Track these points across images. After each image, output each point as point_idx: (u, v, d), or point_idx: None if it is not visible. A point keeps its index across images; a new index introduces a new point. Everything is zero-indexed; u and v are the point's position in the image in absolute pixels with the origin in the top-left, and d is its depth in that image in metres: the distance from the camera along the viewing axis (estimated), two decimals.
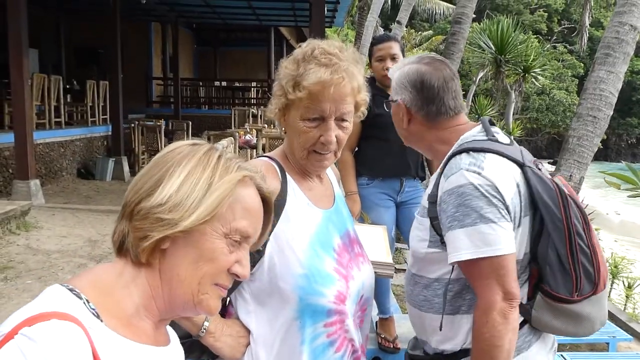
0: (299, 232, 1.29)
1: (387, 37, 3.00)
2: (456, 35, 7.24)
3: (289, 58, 1.31)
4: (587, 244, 1.37)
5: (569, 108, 28.31)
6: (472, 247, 1.35)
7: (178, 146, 0.89)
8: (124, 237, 0.84)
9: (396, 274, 5.20)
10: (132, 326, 0.82)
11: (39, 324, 0.69)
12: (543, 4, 37.21)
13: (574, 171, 4.39)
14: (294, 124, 1.30)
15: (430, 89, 1.52)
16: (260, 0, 11.72)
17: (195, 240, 0.84)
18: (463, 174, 1.39)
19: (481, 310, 1.37)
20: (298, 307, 1.25)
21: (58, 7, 13.23)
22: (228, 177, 0.86)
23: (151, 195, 0.82)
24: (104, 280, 0.82)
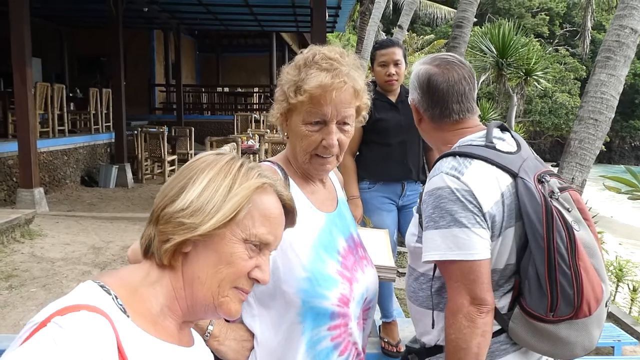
0: (302, 235, 1.29)
1: (390, 43, 2.99)
2: (457, 39, 7.25)
3: (291, 64, 1.33)
4: (568, 265, 1.32)
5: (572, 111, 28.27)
6: (444, 249, 1.37)
7: (203, 155, 0.94)
8: (150, 240, 0.88)
9: (399, 277, 5.19)
10: (157, 324, 0.86)
11: (70, 314, 0.74)
12: (545, 8, 37.23)
13: (575, 174, 4.38)
14: (296, 129, 1.31)
15: (436, 91, 1.53)
16: (261, 6, 11.78)
17: (215, 245, 0.87)
18: (442, 177, 1.40)
19: (449, 312, 1.40)
20: (301, 310, 1.26)
21: (60, 16, 13.32)
22: (247, 184, 0.89)
23: (175, 201, 0.86)
24: (132, 279, 0.87)
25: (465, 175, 1.38)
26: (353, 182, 2.94)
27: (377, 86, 3.01)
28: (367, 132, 2.90)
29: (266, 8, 12.00)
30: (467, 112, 1.54)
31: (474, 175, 1.38)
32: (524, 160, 1.44)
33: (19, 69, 6.84)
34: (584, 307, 1.33)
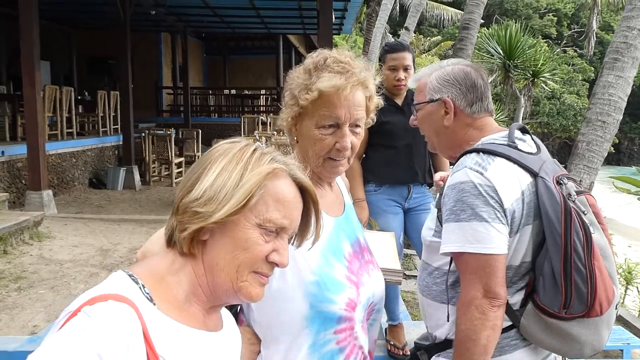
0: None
1: (401, 47, 2.95)
2: (464, 41, 7.25)
3: (300, 68, 1.33)
4: (584, 264, 1.36)
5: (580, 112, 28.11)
6: (462, 241, 1.41)
7: (218, 145, 0.96)
8: (172, 230, 0.91)
9: (406, 280, 5.18)
10: (183, 311, 0.89)
11: (98, 303, 0.78)
12: (552, 8, 37.06)
13: (583, 176, 4.36)
14: (308, 133, 1.31)
15: (478, 87, 1.60)
16: (268, 9, 11.82)
17: (230, 231, 0.89)
18: (466, 171, 1.44)
19: (461, 303, 1.43)
20: (309, 313, 1.26)
21: (69, 19, 13.42)
22: (258, 169, 0.91)
23: (191, 191, 0.89)
24: (158, 268, 0.90)
25: (488, 171, 1.43)
26: (359, 184, 2.94)
27: (383, 89, 3.01)
28: (373, 134, 2.90)
29: (273, 10, 12.03)
30: (493, 110, 1.64)
31: (497, 172, 1.43)
32: (543, 162, 1.48)
33: (28, 73, 6.90)
34: (596, 306, 1.37)
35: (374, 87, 1.35)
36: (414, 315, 4.12)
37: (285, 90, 1.34)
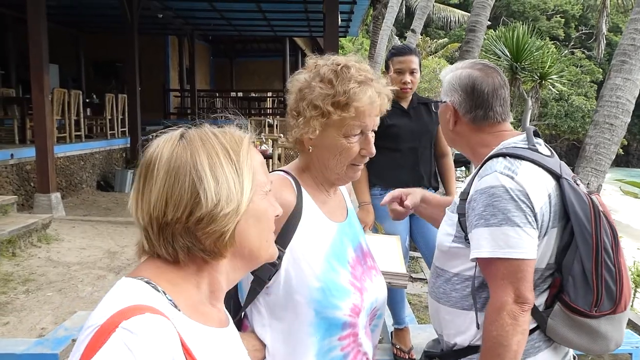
0: (315, 245, 1.30)
1: (408, 50, 2.93)
2: (470, 43, 7.23)
3: (315, 76, 1.30)
4: (613, 262, 1.38)
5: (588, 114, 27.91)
6: (494, 247, 1.40)
7: (168, 149, 0.88)
8: (189, 249, 0.87)
9: (412, 283, 5.17)
10: (200, 312, 0.89)
11: (136, 317, 0.75)
12: (560, 10, 36.91)
13: (591, 179, 4.34)
14: (333, 142, 1.30)
15: (481, 94, 1.57)
16: (274, 12, 11.85)
17: (253, 212, 0.91)
18: (496, 176, 1.43)
19: (492, 309, 1.42)
20: (314, 320, 1.26)
21: (77, 23, 13.52)
22: (242, 150, 0.91)
23: (199, 203, 0.84)
24: (168, 273, 0.88)
25: (519, 175, 1.42)
26: (365, 188, 2.94)
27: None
28: (379, 138, 2.86)
29: (279, 13, 12.07)
30: (507, 115, 1.62)
31: (527, 176, 1.42)
32: (559, 164, 1.50)
33: (37, 76, 6.95)
34: (622, 303, 1.40)
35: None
36: (420, 318, 4.11)
37: (300, 100, 1.29)
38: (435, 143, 3.03)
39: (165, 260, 0.88)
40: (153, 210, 0.85)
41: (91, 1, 10.99)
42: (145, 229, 0.87)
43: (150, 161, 0.88)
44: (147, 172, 0.88)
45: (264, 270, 1.23)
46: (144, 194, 0.87)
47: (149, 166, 0.88)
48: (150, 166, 0.87)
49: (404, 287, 2.63)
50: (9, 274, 4.87)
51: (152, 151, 0.89)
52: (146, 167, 0.88)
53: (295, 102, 1.31)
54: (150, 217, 0.86)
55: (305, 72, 1.34)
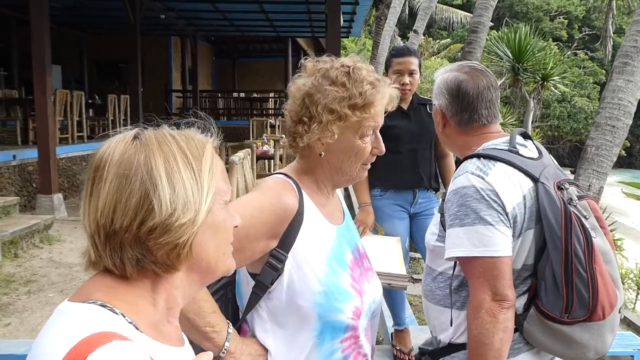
0: (316, 249, 1.29)
1: (407, 51, 2.93)
2: (472, 44, 7.23)
3: (324, 80, 1.27)
4: (585, 268, 1.36)
5: (591, 115, 27.88)
6: (469, 246, 1.43)
7: (119, 150, 0.81)
8: (137, 261, 0.80)
9: (413, 284, 5.17)
10: (161, 332, 0.83)
11: (104, 346, 0.68)
12: (563, 11, 36.85)
13: (592, 181, 4.33)
14: (348, 144, 1.29)
15: (465, 96, 1.59)
16: (277, 12, 11.86)
17: (211, 222, 0.84)
18: (468, 176, 1.47)
19: (472, 308, 1.44)
20: (317, 324, 1.26)
21: (80, 24, 13.55)
22: (204, 156, 0.84)
23: (152, 211, 0.77)
24: (122, 292, 0.80)
25: (489, 175, 1.45)
26: (365, 189, 2.94)
27: None
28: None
29: (282, 14, 12.08)
30: (494, 117, 1.62)
31: (498, 176, 1.45)
32: (545, 167, 1.50)
33: (39, 78, 6.97)
34: (598, 311, 1.37)
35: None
36: (421, 319, 4.11)
37: (312, 105, 1.26)
38: (436, 144, 3.03)
39: (116, 278, 0.80)
40: (100, 217, 0.78)
41: (94, 2, 11.01)
42: (92, 237, 0.79)
43: (100, 163, 0.80)
44: (95, 175, 0.80)
45: (267, 274, 1.23)
46: (91, 198, 0.80)
47: (98, 168, 0.80)
48: (100, 168, 0.80)
49: (404, 289, 2.63)
50: (11, 275, 4.88)
51: (103, 152, 0.81)
52: (95, 169, 0.80)
53: (302, 108, 1.27)
54: (97, 224, 0.78)
55: (305, 75, 1.31)
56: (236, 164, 4.16)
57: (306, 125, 1.26)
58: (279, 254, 1.24)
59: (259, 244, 1.22)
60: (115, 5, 10.11)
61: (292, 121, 1.30)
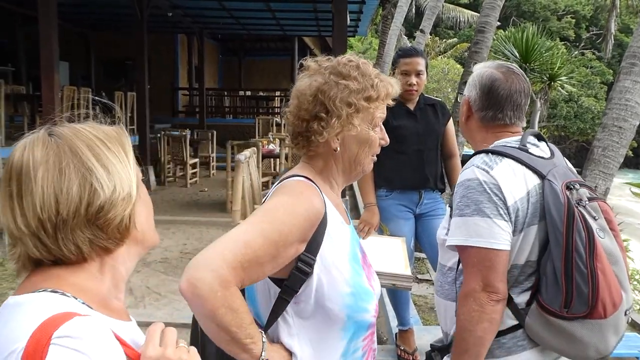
0: (340, 250, 1.29)
1: (414, 52, 2.95)
2: (479, 44, 7.20)
3: (335, 76, 1.28)
4: (585, 264, 1.38)
5: (598, 115, 27.71)
6: (465, 235, 1.48)
7: (39, 149, 0.85)
8: (90, 243, 0.85)
9: (417, 284, 5.17)
10: (111, 308, 0.87)
11: (67, 322, 0.73)
12: (571, 10, 36.65)
13: (599, 182, 4.31)
14: (365, 136, 1.31)
15: (495, 95, 1.63)
16: (283, 11, 11.86)
17: (141, 196, 0.93)
18: (473, 169, 1.53)
19: (461, 294, 1.50)
20: (345, 325, 1.26)
21: (87, 21, 13.60)
22: (120, 137, 0.93)
23: (95, 192, 0.84)
24: (69, 277, 0.85)
25: (494, 169, 1.50)
26: (370, 189, 2.95)
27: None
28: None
29: (288, 13, 12.07)
30: (518, 119, 1.67)
31: (503, 171, 1.50)
32: (555, 166, 1.52)
33: (47, 74, 7.00)
34: (598, 308, 1.39)
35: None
36: (425, 319, 4.11)
37: (329, 100, 1.26)
38: (442, 144, 3.03)
39: (61, 266, 0.85)
40: (42, 213, 0.82)
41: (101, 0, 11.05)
42: (35, 235, 0.82)
43: (22, 165, 0.83)
44: (20, 177, 0.83)
45: (296, 279, 1.21)
46: (22, 200, 0.83)
47: (21, 170, 0.83)
48: (23, 170, 0.83)
49: (409, 289, 2.64)
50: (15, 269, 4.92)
51: (20, 155, 0.85)
52: (17, 172, 0.83)
53: (316, 105, 1.27)
54: (40, 220, 0.82)
55: (309, 75, 1.32)
56: (242, 162, 4.17)
57: (323, 121, 1.26)
58: (308, 258, 1.22)
59: (292, 249, 1.19)
60: (123, 2, 10.14)
61: (303, 120, 1.29)
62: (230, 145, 7.98)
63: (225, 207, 7.66)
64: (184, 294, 1.04)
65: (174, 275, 4.87)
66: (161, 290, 4.51)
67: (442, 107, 3.06)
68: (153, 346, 0.81)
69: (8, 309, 0.80)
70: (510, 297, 1.51)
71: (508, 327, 1.52)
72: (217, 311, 1.04)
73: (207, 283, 1.03)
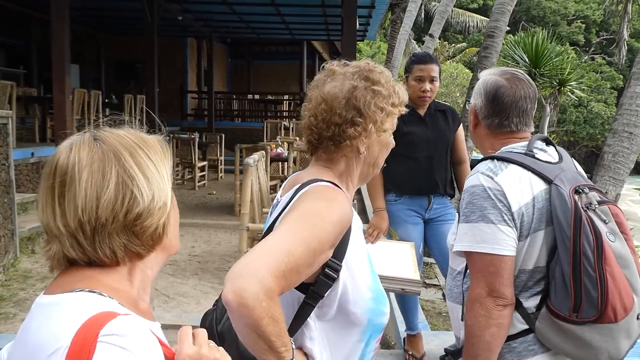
0: (360, 255, 1.30)
1: (429, 58, 2.94)
2: (489, 49, 7.19)
3: (364, 81, 1.30)
4: (594, 268, 1.37)
5: (607, 121, 27.53)
6: (470, 241, 1.49)
7: (85, 153, 0.87)
8: (125, 248, 0.87)
9: (426, 289, 5.15)
10: (141, 310, 0.89)
11: (111, 322, 0.75)
12: (581, 15, 36.49)
13: (609, 188, 4.29)
14: (386, 140, 1.35)
15: (500, 102, 1.64)
16: (293, 15, 11.90)
17: (173, 205, 0.96)
18: (478, 176, 1.54)
19: (468, 300, 1.51)
20: (366, 328, 1.28)
21: (98, 24, 13.72)
22: (160, 148, 0.94)
23: (135, 200, 0.86)
24: (102, 279, 0.86)
25: (499, 176, 1.51)
26: (380, 194, 2.95)
27: (409, 99, 3.01)
28: (395, 145, 2.90)
29: (297, 17, 12.12)
30: (524, 125, 1.67)
31: (507, 177, 1.50)
32: (562, 171, 1.52)
33: (59, 77, 7.07)
34: (608, 312, 1.38)
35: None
36: (433, 324, 4.10)
37: (364, 106, 1.27)
38: (452, 150, 3.03)
39: (93, 268, 0.87)
40: (82, 215, 0.83)
41: (113, 3, 11.14)
42: (73, 236, 0.84)
43: (68, 166, 0.85)
44: (64, 178, 0.85)
45: (323, 285, 1.21)
46: (64, 200, 0.84)
47: (66, 171, 0.85)
48: (68, 171, 0.85)
49: (418, 294, 2.64)
50: (28, 271, 4.96)
51: (65, 156, 0.86)
52: (62, 173, 0.85)
53: (349, 109, 1.27)
54: (80, 222, 0.84)
55: (333, 79, 1.32)
56: (251, 166, 4.18)
57: (360, 126, 1.28)
58: (335, 264, 1.22)
59: (323, 256, 1.18)
60: (134, 6, 10.23)
61: (334, 124, 1.28)
62: (239, 148, 8.00)
63: (233, 210, 7.68)
64: (230, 304, 1.02)
65: (182, 278, 4.88)
66: (169, 292, 4.52)
67: (452, 113, 3.06)
68: (189, 344, 0.83)
69: (43, 308, 0.82)
70: (519, 301, 1.51)
71: (519, 332, 1.52)
72: (261, 321, 1.03)
73: (253, 293, 1.01)
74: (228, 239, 6.42)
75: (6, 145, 4.89)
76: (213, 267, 5.29)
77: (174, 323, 3.81)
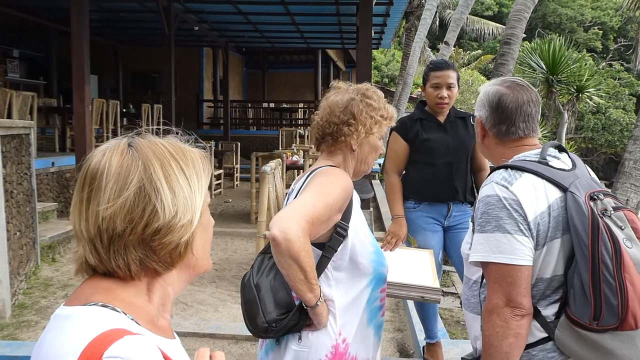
0: (361, 218, 1.71)
1: (445, 65, 2.93)
2: (505, 56, 7.16)
3: (361, 96, 1.71)
4: (613, 276, 1.36)
5: (626, 127, 27.16)
6: (487, 251, 1.49)
7: (116, 158, 0.84)
8: (141, 262, 0.84)
9: (444, 297, 5.11)
10: (158, 326, 0.87)
11: (118, 342, 0.73)
12: (598, 22, 36.14)
13: (630, 195, 4.23)
14: (375, 143, 1.74)
15: (504, 109, 1.65)
16: (308, 24, 11.96)
17: (202, 223, 0.90)
18: (493, 186, 1.54)
19: (486, 310, 1.51)
20: (372, 276, 1.67)
21: (116, 35, 13.92)
22: (195, 162, 0.89)
23: (156, 214, 0.82)
24: (120, 292, 0.84)
25: (514, 185, 1.50)
26: (398, 201, 2.94)
27: (426, 106, 3.00)
28: (414, 151, 2.90)
29: (312, 26, 12.18)
30: (532, 131, 1.67)
31: (522, 186, 1.49)
32: (577, 178, 1.51)
33: (78, 87, 7.17)
34: (629, 319, 1.37)
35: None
36: (452, 333, 4.06)
37: (359, 113, 1.68)
38: (472, 157, 3.01)
39: (111, 280, 0.85)
40: (102, 222, 0.81)
41: (131, 15, 11.31)
42: (92, 242, 0.83)
43: (97, 170, 0.83)
44: (93, 182, 0.83)
45: (336, 241, 1.60)
46: (89, 205, 0.83)
47: (95, 176, 0.83)
48: (97, 176, 0.83)
49: (438, 302, 2.62)
50: (49, 279, 5.02)
51: (98, 160, 0.84)
52: (92, 176, 0.83)
53: (347, 114, 1.68)
54: (99, 229, 0.82)
55: (337, 92, 1.75)
56: (268, 174, 4.20)
57: (352, 126, 1.68)
58: (343, 225, 1.61)
59: (335, 217, 1.58)
60: (151, 17, 10.37)
61: (334, 124, 1.69)
62: (255, 156, 8.04)
63: (249, 218, 7.71)
64: (277, 239, 1.38)
65: (200, 286, 4.90)
66: (188, 300, 4.54)
67: (472, 119, 3.04)
68: None
69: (59, 321, 0.81)
70: (537, 310, 1.51)
71: (538, 340, 1.51)
72: (300, 253, 1.39)
73: (294, 229, 1.38)
74: (245, 247, 6.43)
75: (28, 155, 4.97)
76: (230, 275, 5.31)
77: (192, 331, 3.83)
